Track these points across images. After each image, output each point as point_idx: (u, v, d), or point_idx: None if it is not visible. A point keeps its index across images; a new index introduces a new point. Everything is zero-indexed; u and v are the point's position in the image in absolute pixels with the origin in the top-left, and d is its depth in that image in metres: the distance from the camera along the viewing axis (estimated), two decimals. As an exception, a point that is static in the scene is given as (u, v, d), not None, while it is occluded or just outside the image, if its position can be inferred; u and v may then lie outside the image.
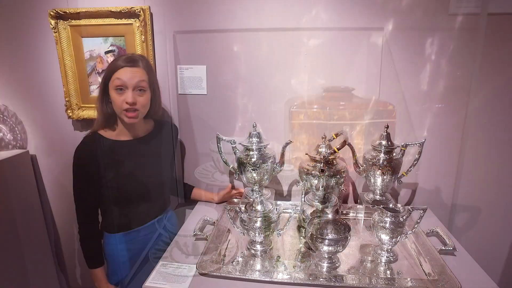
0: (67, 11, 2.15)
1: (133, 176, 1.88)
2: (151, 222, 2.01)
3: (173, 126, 2.19)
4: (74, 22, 2.18)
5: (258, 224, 1.68)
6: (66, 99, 2.31)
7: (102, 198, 1.87)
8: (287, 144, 1.98)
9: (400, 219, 1.64)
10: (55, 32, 2.19)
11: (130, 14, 2.11)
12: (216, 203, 2.27)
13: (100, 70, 2.25)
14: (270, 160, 2.00)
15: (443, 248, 1.73)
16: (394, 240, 1.65)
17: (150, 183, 1.94)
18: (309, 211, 1.97)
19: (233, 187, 2.34)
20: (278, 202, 2.20)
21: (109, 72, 1.77)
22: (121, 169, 1.85)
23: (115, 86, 1.74)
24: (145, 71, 1.81)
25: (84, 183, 1.82)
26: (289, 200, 2.35)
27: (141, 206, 1.94)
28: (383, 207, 1.67)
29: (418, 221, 1.72)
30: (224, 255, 1.76)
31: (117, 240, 1.94)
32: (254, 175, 1.99)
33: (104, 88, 1.80)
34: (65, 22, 2.18)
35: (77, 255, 2.73)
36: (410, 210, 1.67)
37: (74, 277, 2.81)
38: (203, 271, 1.58)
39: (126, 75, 1.74)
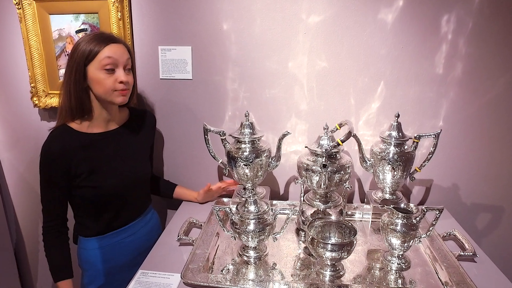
0: (32, -16, 2.11)
1: (110, 172, 1.87)
2: (130, 225, 1.99)
3: (150, 115, 2.17)
4: (40, -4, 2.15)
5: (251, 227, 1.67)
6: (32, 85, 2.28)
7: (75, 199, 1.86)
8: (284, 135, 1.96)
9: (413, 220, 1.62)
10: (18, 9, 2.15)
11: (105, -13, 2.08)
12: (200, 203, 2.26)
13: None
14: (265, 154, 1.99)
15: (462, 253, 1.72)
16: (406, 244, 1.63)
17: (128, 180, 1.92)
18: (309, 212, 1.97)
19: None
20: (274, 202, 2.22)
21: (91, 53, 1.71)
22: (96, 166, 1.83)
23: (103, 65, 1.72)
24: (127, 50, 1.82)
25: (52, 183, 1.79)
26: (287, 199, 2.35)
27: (119, 206, 1.92)
28: (393, 207, 1.65)
29: (433, 223, 1.70)
30: (213, 263, 1.74)
31: (93, 244, 1.92)
32: (247, 171, 1.97)
33: (83, 72, 1.75)
34: (30, -4, 2.15)
35: (41, 268, 2.73)
36: (424, 210, 1.65)
37: (43, 289, 2.79)
38: (189, 281, 1.56)
39: (115, 52, 1.74)
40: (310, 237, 1.60)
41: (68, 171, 1.78)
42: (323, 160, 1.81)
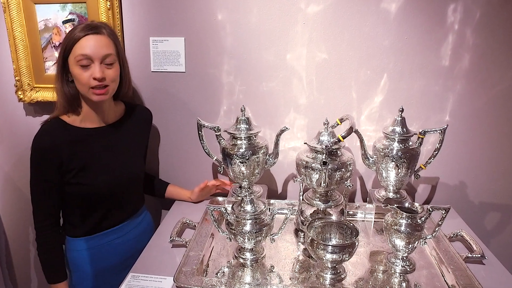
0: (16, -29, 2.09)
1: (102, 170, 1.87)
2: (120, 226, 1.99)
3: (146, 110, 2.16)
4: (25, -15, 2.12)
5: (247, 227, 1.65)
6: (16, 78, 2.26)
7: (64, 196, 1.85)
8: (282, 131, 1.95)
9: (418, 221, 1.61)
10: (2, -2, 2.13)
11: (93, -26, 2.06)
12: (194, 202, 2.25)
13: (57, 43, 2.20)
14: (262, 151, 1.98)
15: (470, 255, 1.72)
16: (410, 246, 1.62)
17: (121, 178, 1.93)
18: (308, 211, 1.98)
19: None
20: (272, 201, 2.22)
21: (68, 45, 1.73)
22: (87, 162, 1.83)
23: (77, 61, 1.71)
24: (111, 40, 1.79)
25: (45, 179, 1.79)
26: (285, 198, 2.35)
27: (109, 206, 1.92)
28: (397, 207, 1.64)
29: (440, 223, 1.68)
30: (207, 265, 1.74)
31: (81, 245, 1.92)
32: (243, 168, 1.96)
33: (63, 65, 1.76)
34: (14, -15, 2.13)
35: (33, 266, 2.70)
36: (429, 210, 1.63)
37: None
38: (182, 285, 1.55)
39: (89, 45, 1.71)
40: (310, 238, 1.59)
41: (59, 166, 1.78)
42: (323, 157, 1.80)
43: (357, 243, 1.56)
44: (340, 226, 1.72)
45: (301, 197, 1.91)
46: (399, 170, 1.91)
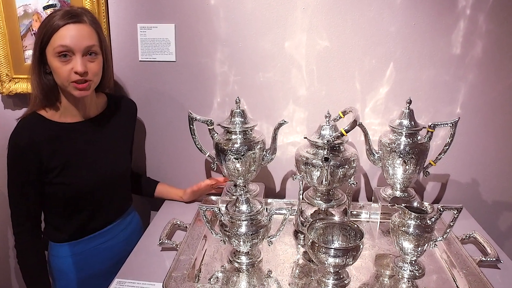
0: (-8, -47, 2.08)
1: (85, 167, 1.85)
2: (108, 228, 1.98)
3: (130, 102, 2.16)
4: (2, -33, 2.11)
5: (243, 229, 1.65)
6: (-6, 68, 2.24)
7: (46, 197, 1.84)
8: (280, 125, 1.94)
9: (428, 221, 1.59)
10: (-23, -19, 2.11)
11: (75, -45, 2.05)
12: (186, 202, 2.24)
13: (38, 31, 2.16)
14: (258, 146, 1.97)
15: (484, 258, 1.71)
16: (419, 249, 1.61)
17: (106, 176, 1.91)
18: (309, 212, 1.97)
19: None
20: (269, 201, 2.22)
21: (46, 34, 1.69)
22: (69, 159, 1.81)
23: (57, 52, 1.67)
24: (93, 29, 1.75)
25: (23, 179, 1.78)
26: (284, 197, 2.36)
27: (95, 206, 1.91)
28: (405, 206, 1.63)
29: (451, 224, 1.67)
30: (199, 270, 1.73)
31: (66, 251, 1.91)
32: (238, 165, 1.95)
33: (40, 55, 1.73)
34: (-9, -32, 2.11)
35: (13, 274, 2.69)
36: (440, 210, 1.63)
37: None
38: (172, 291, 1.57)
39: (70, 36, 1.67)
40: (310, 240, 1.58)
41: (39, 165, 1.76)
42: (325, 153, 1.79)
43: (361, 246, 1.55)
44: (343, 228, 1.71)
45: (301, 196, 1.90)
46: (407, 167, 1.90)
